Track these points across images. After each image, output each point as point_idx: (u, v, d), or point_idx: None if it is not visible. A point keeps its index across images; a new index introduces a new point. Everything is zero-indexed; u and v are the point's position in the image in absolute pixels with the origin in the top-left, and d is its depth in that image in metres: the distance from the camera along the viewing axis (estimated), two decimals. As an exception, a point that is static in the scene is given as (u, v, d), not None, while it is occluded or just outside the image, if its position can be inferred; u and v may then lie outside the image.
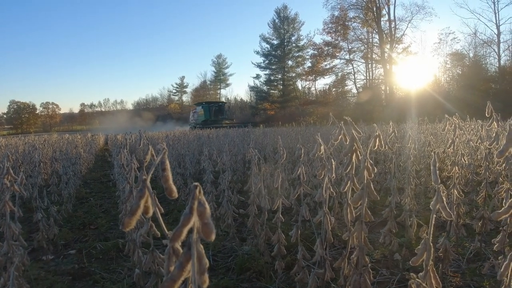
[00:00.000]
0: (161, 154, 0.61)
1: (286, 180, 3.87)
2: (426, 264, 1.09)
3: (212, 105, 38.72)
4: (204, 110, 37.22)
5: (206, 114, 36.76)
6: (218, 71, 60.40)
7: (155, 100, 72.37)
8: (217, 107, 38.79)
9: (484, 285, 2.20)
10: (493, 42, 33.30)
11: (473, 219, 3.01)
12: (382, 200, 3.51)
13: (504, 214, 1.03)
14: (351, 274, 1.54)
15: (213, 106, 38.58)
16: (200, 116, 37.61)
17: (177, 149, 6.14)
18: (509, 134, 1.00)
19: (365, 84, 40.26)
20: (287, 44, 47.09)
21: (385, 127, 4.50)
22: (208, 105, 38.40)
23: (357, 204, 1.27)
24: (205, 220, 0.43)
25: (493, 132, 1.82)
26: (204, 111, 37.10)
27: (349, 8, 37.82)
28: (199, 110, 38.84)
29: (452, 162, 2.17)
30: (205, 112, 36.93)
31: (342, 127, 1.25)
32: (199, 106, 40.18)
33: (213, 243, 3.03)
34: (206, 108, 37.44)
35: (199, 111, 38.66)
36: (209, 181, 3.02)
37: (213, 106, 38.32)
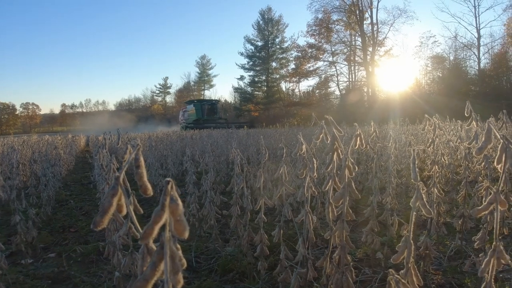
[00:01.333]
0: (135, 150, 0.59)
1: (269, 181, 3.87)
2: (407, 261, 1.09)
3: (205, 103, 36.53)
4: (196, 108, 35.16)
5: (198, 113, 34.68)
6: (202, 72, 60.14)
7: (138, 101, 71.54)
8: (210, 105, 36.65)
9: (466, 282, 2.24)
10: (473, 45, 34.21)
11: (454, 218, 3.07)
12: (364, 200, 3.55)
13: (484, 211, 1.04)
14: (333, 273, 1.54)
15: (206, 104, 36.42)
16: (191, 115, 35.64)
17: (159, 150, 6.07)
18: (488, 132, 1.02)
19: (348, 86, 40.76)
20: (271, 46, 47.25)
21: (367, 127, 4.55)
22: (200, 104, 36.24)
23: (338, 203, 1.27)
24: (177, 217, 0.41)
25: (473, 132, 1.85)
26: (196, 109, 35.04)
27: (332, 11, 38.27)
28: (190, 108, 36.63)
29: (432, 161, 2.21)
30: (197, 111, 34.89)
31: (323, 126, 1.25)
32: (190, 104, 37.98)
33: (196, 245, 3.00)
34: (198, 107, 35.31)
35: (190, 110, 36.47)
36: (191, 182, 2.99)
37: (206, 104, 36.16)
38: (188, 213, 3.29)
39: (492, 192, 1.03)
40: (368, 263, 2.55)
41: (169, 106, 65.71)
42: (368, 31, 37.35)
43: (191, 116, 35.46)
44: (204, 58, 60.15)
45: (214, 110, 36.51)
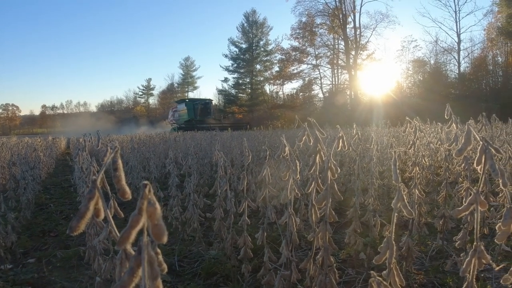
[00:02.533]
0: (113, 153, 0.58)
1: (253, 183, 3.86)
2: (389, 262, 1.10)
3: (197, 103, 33.95)
4: (187, 108, 32.97)
5: (190, 113, 32.56)
6: (186, 74, 59.73)
7: (120, 102, 70.52)
8: (203, 105, 34.18)
9: (448, 281, 2.27)
10: (453, 49, 35.06)
11: (435, 218, 3.12)
12: (347, 201, 3.57)
13: (464, 212, 1.06)
14: (317, 274, 1.55)
15: (198, 103, 33.82)
16: (182, 115, 33.52)
17: (142, 153, 5.99)
18: (467, 134, 1.03)
19: (331, 89, 41.11)
20: (256, 48, 47.35)
21: (350, 130, 4.61)
22: (192, 103, 33.80)
23: (321, 205, 1.27)
24: (155, 221, 0.40)
25: (453, 134, 1.89)
26: (187, 109, 32.85)
27: (316, 15, 38.62)
28: (181, 108, 34.40)
29: (413, 163, 2.24)
30: (189, 111, 32.75)
31: (306, 128, 1.25)
32: (181, 104, 35.39)
33: (179, 248, 2.96)
34: (190, 106, 33.06)
35: (181, 109, 34.27)
36: (174, 185, 2.95)
37: (198, 104, 33.66)
38: (171, 216, 3.25)
39: (472, 193, 1.05)
40: (351, 263, 2.57)
41: (152, 108, 64.98)
42: (351, 35, 37.87)
43: (182, 116, 33.56)
44: (188, 60, 59.83)
45: (208, 110, 34.60)
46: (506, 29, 31.31)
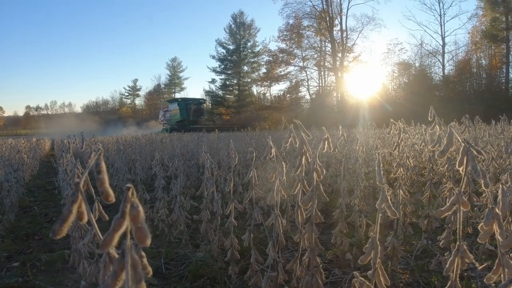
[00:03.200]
0: (96, 155, 0.57)
1: (240, 184, 3.86)
2: (374, 262, 1.12)
3: (190, 103, 32.59)
4: (180, 108, 31.53)
5: (182, 113, 31.26)
6: (173, 75, 59.40)
7: (106, 103, 69.55)
8: (196, 105, 33.07)
9: (433, 280, 2.30)
10: (438, 52, 35.70)
11: (419, 218, 3.17)
12: (333, 202, 3.60)
13: (447, 212, 1.08)
14: (303, 275, 1.55)
15: (191, 103, 32.54)
16: (174, 115, 32.11)
17: (128, 154, 5.92)
18: (450, 135, 1.05)
19: (318, 90, 41.41)
20: (243, 50, 47.40)
21: (336, 131, 4.65)
22: (185, 103, 32.30)
23: (307, 206, 1.28)
24: (139, 224, 0.40)
25: (436, 136, 1.92)
26: (180, 109, 31.45)
27: (303, 17, 38.86)
28: (172, 108, 32.91)
29: (397, 164, 2.28)
30: (181, 110, 31.39)
31: (292, 130, 1.26)
32: (173, 103, 33.94)
33: (165, 251, 2.94)
34: (183, 106, 31.66)
35: (172, 109, 32.77)
36: (160, 187, 2.93)
37: (191, 104, 32.38)
38: (157, 219, 3.22)
39: (455, 193, 1.07)
40: (338, 264, 2.59)
41: (139, 109, 64.34)
42: (337, 38, 38.19)
43: (174, 116, 32.22)
44: (175, 61, 59.51)
45: (201, 110, 33.53)
46: (490, 32, 32.07)
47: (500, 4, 31.26)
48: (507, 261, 0.95)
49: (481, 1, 32.98)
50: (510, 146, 3.05)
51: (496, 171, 3.67)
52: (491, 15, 32.03)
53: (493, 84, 33.46)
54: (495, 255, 0.98)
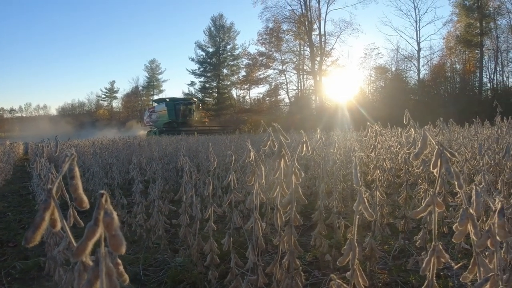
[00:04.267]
0: (69, 160, 0.55)
1: (220, 188, 3.84)
2: (352, 263, 1.13)
3: (179, 103, 30.32)
4: (168, 109, 29.40)
5: (171, 114, 29.21)
6: (151, 77, 58.62)
7: (82, 106, 67.85)
8: (186, 105, 30.77)
9: (410, 280, 2.34)
10: (413, 57, 36.71)
11: (396, 219, 3.23)
12: (313, 204, 3.63)
13: (422, 213, 1.10)
14: (283, 278, 1.55)
15: (180, 104, 30.26)
16: (161, 116, 30.05)
17: (104, 158, 5.80)
18: (424, 138, 1.07)
19: (297, 94, 41.78)
20: (223, 53, 47.41)
21: (314, 134, 4.70)
22: (173, 103, 30.06)
23: (286, 209, 1.28)
24: (112, 231, 0.39)
25: (411, 138, 1.96)
26: (168, 110, 29.33)
27: (282, 21, 39.21)
28: (160, 109, 30.78)
29: (374, 166, 2.32)
30: (170, 111, 29.29)
31: (270, 133, 1.26)
32: (160, 104, 31.57)
33: (144, 256, 2.89)
34: (171, 107, 29.50)
35: (160, 110, 30.65)
36: (138, 191, 2.88)
37: (180, 104, 30.15)
38: (135, 224, 3.16)
39: (430, 194, 1.09)
40: (317, 265, 2.60)
41: (116, 111, 63.14)
42: (316, 42, 38.69)
43: (161, 118, 30.16)
44: (153, 63, 58.76)
45: (191, 111, 31.23)
46: (464, 38, 33.23)
47: (474, 10, 32.48)
48: (482, 260, 0.98)
49: (456, 8, 34.25)
50: (483, 147, 3.16)
51: (470, 172, 3.79)
52: (465, 21, 33.21)
53: (467, 88, 34.62)
54: (471, 254, 1.00)
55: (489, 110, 5.40)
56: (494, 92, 32.68)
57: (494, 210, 0.95)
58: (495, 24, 32.42)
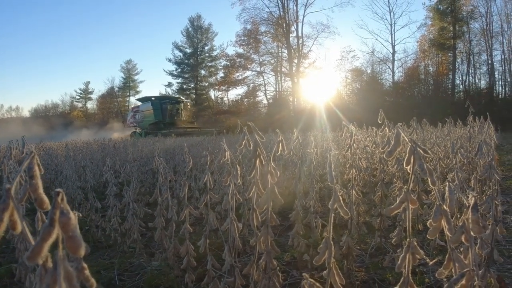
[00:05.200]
0: (27, 159, 0.52)
1: (197, 190, 3.79)
2: (328, 262, 1.12)
3: (166, 102, 28.54)
4: (154, 108, 27.49)
5: (157, 114, 27.41)
6: (128, 77, 57.50)
7: (56, 107, 65.84)
8: (173, 104, 29.04)
9: (387, 277, 2.37)
10: (388, 60, 37.53)
11: (372, 217, 3.28)
12: (291, 204, 3.64)
13: (396, 209, 1.11)
14: (261, 279, 1.54)
15: (167, 103, 28.44)
16: (147, 116, 28.14)
17: (78, 160, 5.64)
18: (397, 135, 1.08)
19: (275, 95, 42.03)
20: (200, 54, 47.16)
21: (292, 135, 4.73)
22: (160, 102, 28.26)
23: (262, 209, 1.27)
24: (69, 232, 0.36)
25: (386, 137, 1.99)
26: (154, 110, 27.44)
27: (261, 23, 39.37)
28: (144, 108, 28.82)
29: (350, 165, 2.34)
30: (156, 111, 27.43)
31: (246, 132, 1.24)
32: (145, 103, 29.36)
33: (119, 261, 2.81)
34: (157, 106, 27.64)
35: (145, 109, 28.69)
36: (112, 194, 2.80)
37: (167, 103, 28.32)
38: (109, 228, 3.08)
39: (403, 192, 1.10)
40: (295, 265, 2.61)
41: (91, 112, 61.64)
42: (294, 44, 39.01)
43: (146, 118, 28.18)
44: (129, 63, 57.62)
45: (178, 110, 29.46)
46: (438, 41, 34.30)
47: (448, 14, 33.57)
48: (457, 256, 0.99)
49: (430, 12, 35.30)
50: (456, 146, 3.25)
51: (443, 171, 3.89)
52: (439, 24, 34.28)
53: (440, 89, 35.74)
54: (446, 250, 1.01)
55: (462, 111, 5.59)
56: (467, 94, 33.85)
57: (468, 206, 0.96)
58: (468, 27, 33.64)
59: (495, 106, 29.86)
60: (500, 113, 26.68)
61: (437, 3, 34.07)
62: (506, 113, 27.67)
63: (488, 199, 1.80)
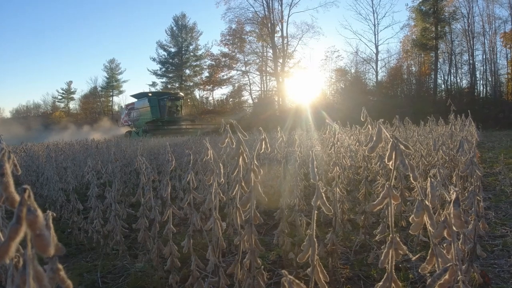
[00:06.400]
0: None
1: (181, 190, 3.76)
2: (312, 259, 1.12)
3: (165, 98, 25.95)
4: (151, 105, 24.96)
5: (154, 111, 24.83)
6: (111, 77, 56.56)
7: (38, 107, 64.30)
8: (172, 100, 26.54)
9: (372, 273, 2.39)
10: (372, 60, 38.06)
11: (357, 214, 3.31)
12: (276, 203, 3.64)
13: (378, 205, 1.12)
14: (245, 278, 1.53)
15: (166, 99, 25.92)
16: (143, 114, 25.68)
17: (59, 162, 5.52)
18: (378, 131, 1.09)
19: (260, 95, 42.09)
20: (185, 53, 46.85)
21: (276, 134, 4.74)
22: (157, 98, 25.56)
23: (246, 207, 1.26)
24: (37, 231, 0.34)
25: (369, 135, 2.01)
26: (151, 107, 24.91)
27: (245, 22, 39.37)
28: (140, 105, 26.32)
29: (333, 163, 2.35)
30: (153, 108, 24.89)
31: (228, 130, 1.23)
32: (141, 99, 26.70)
33: (102, 263, 2.76)
34: (155, 103, 25.09)
35: (140, 107, 26.22)
36: (94, 195, 2.75)
37: (166, 100, 25.81)
38: (92, 230, 3.02)
39: (386, 187, 1.11)
40: (281, 264, 2.60)
41: (73, 113, 60.39)
42: (278, 44, 39.13)
43: (143, 115, 25.73)
44: (113, 62, 56.69)
45: (177, 107, 27.00)
46: (420, 42, 34.93)
47: (430, 15, 34.20)
48: (440, 251, 1.00)
49: (413, 12, 35.93)
50: (437, 143, 3.31)
51: (426, 168, 3.96)
52: (421, 25, 34.90)
53: (422, 89, 36.40)
54: (429, 246, 1.02)
55: (443, 109, 5.72)
56: (448, 93, 34.56)
57: (450, 201, 0.97)
58: (450, 28, 34.37)
59: (476, 105, 30.59)
60: (481, 112, 27.42)
61: (419, 4, 34.72)
62: (487, 112, 28.45)
63: (470, 195, 1.84)
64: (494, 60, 33.16)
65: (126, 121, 28.86)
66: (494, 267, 2.43)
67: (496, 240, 2.91)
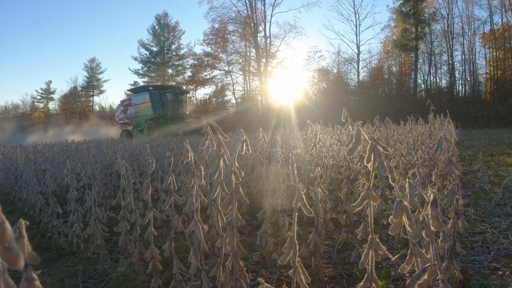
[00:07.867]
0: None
1: (163, 192, 3.72)
2: (293, 261, 1.13)
3: (168, 92, 23.43)
4: (152, 101, 22.45)
5: (156, 107, 22.39)
6: (91, 76, 55.48)
7: (16, 108, 62.57)
8: (176, 94, 24.00)
9: (354, 272, 2.42)
10: (353, 60, 38.60)
11: (339, 213, 3.35)
12: (259, 204, 3.65)
13: (358, 206, 1.13)
14: (227, 281, 1.53)
15: (169, 93, 23.37)
16: (143, 110, 23.19)
17: (38, 164, 5.39)
18: (357, 133, 1.10)
19: (243, 95, 42.08)
20: (167, 52, 46.43)
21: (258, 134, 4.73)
22: (159, 93, 23.06)
23: (227, 210, 1.26)
24: (6, 244, 0.33)
25: (349, 135, 2.03)
26: (152, 102, 22.41)
27: (228, 22, 39.30)
28: (139, 100, 23.70)
29: (315, 163, 2.37)
30: (155, 103, 22.42)
31: (208, 131, 1.23)
32: (140, 94, 24.10)
33: (83, 268, 2.71)
34: (156, 97, 22.60)
35: (139, 102, 23.62)
36: (73, 199, 2.69)
37: (169, 94, 23.28)
38: (71, 234, 2.96)
39: (365, 189, 1.13)
40: (264, 265, 2.61)
41: (53, 113, 59.01)
42: (261, 43, 39.22)
43: (142, 112, 23.23)
44: (93, 61, 55.60)
45: (182, 103, 24.45)
46: (401, 42, 35.61)
47: (410, 16, 34.89)
48: (419, 251, 1.02)
49: (394, 14, 36.61)
50: (417, 143, 3.37)
51: (406, 167, 4.03)
52: (402, 26, 35.58)
53: (403, 89, 37.12)
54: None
55: (423, 109, 5.84)
56: (428, 93, 35.36)
57: (428, 202, 0.99)
58: (429, 29, 35.13)
59: (455, 104, 31.38)
60: (460, 111, 28.14)
61: (400, 6, 35.37)
62: (466, 111, 29.21)
63: (449, 193, 1.88)
64: (473, 61, 34.07)
65: (122, 119, 26.01)
66: (475, 263, 2.48)
67: (476, 236, 2.97)
